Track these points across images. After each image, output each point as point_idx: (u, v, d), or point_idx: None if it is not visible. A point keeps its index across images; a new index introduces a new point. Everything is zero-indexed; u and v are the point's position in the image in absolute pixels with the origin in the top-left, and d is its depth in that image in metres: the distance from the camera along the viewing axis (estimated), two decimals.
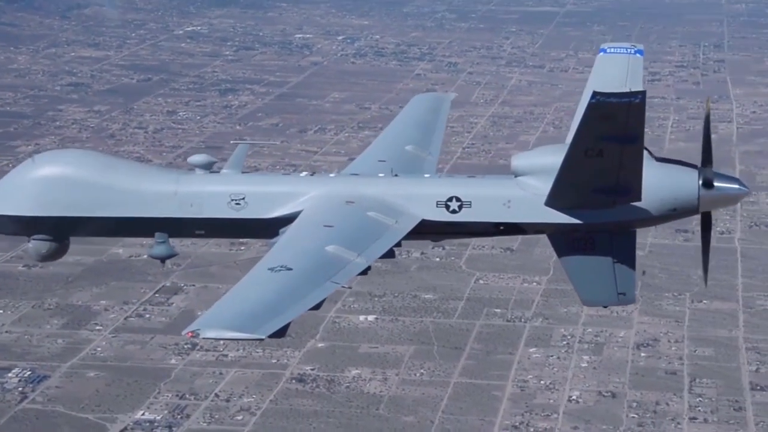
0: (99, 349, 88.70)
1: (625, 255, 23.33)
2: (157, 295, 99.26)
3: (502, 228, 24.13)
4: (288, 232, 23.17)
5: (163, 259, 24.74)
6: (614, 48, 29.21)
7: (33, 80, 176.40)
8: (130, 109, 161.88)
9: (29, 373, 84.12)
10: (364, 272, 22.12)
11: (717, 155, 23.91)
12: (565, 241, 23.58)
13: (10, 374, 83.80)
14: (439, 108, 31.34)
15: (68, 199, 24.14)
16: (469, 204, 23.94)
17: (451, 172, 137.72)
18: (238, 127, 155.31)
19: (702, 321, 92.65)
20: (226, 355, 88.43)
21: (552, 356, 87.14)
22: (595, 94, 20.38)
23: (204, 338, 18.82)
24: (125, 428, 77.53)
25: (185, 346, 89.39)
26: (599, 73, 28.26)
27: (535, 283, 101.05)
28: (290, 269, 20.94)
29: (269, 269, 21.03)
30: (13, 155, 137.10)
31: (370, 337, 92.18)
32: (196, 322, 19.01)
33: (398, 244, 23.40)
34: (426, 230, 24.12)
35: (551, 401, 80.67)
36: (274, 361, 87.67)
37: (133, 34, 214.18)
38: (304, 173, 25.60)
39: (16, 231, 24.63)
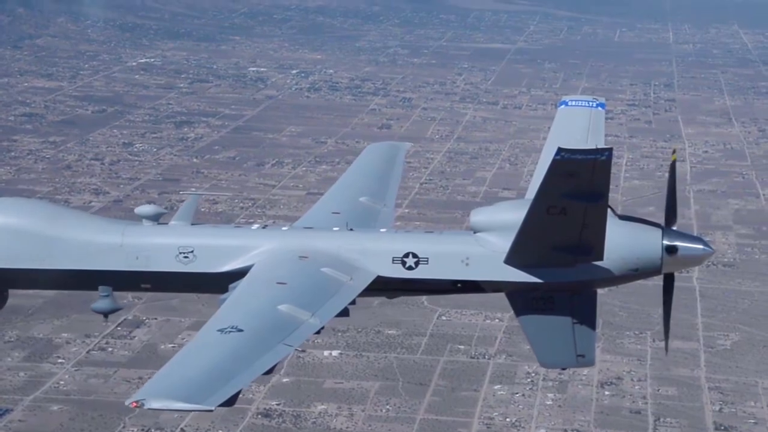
0: (62, 382, 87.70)
1: (585, 315, 22.56)
2: (119, 328, 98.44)
3: (459, 286, 23.32)
4: (239, 289, 22.25)
5: (106, 314, 23.80)
6: (575, 101, 28.55)
7: None
8: (85, 140, 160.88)
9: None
10: (318, 332, 21.37)
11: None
12: (523, 300, 22.75)
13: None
14: (395, 157, 30.46)
15: (8, 250, 23.26)
16: (426, 260, 23.16)
17: (409, 207, 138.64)
18: (195, 160, 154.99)
19: (664, 360, 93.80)
20: None
21: (517, 393, 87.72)
22: (560, 150, 19.72)
23: (149, 409, 17.91)
24: None
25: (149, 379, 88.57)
26: (560, 127, 27.49)
27: (497, 320, 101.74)
28: (241, 330, 20.09)
29: (219, 331, 20.11)
30: None
31: (335, 372, 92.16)
32: (140, 391, 18.14)
33: (353, 302, 22.63)
34: (381, 287, 23.29)
35: None
36: (240, 395, 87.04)
37: (86, 65, 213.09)
38: (256, 226, 24.66)
39: None
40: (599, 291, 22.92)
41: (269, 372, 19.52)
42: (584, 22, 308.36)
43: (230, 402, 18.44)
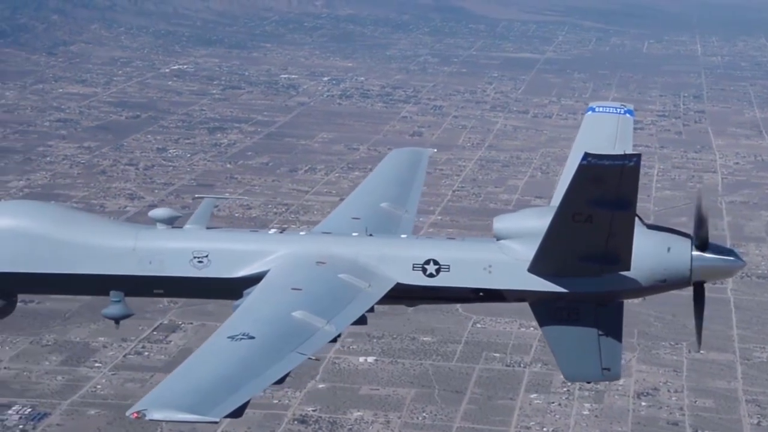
0: (99, 386, 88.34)
1: (611, 327, 21.82)
2: (155, 332, 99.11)
3: (481, 294, 22.59)
4: (252, 294, 21.59)
5: (117, 320, 23.09)
6: (603, 107, 27.67)
7: (21, 116, 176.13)
8: (120, 145, 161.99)
9: (29, 410, 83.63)
10: (334, 340, 20.63)
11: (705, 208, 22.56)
12: (547, 310, 22.00)
13: (10, 411, 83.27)
14: (418, 163, 29.46)
15: (17, 254, 22.57)
16: (448, 268, 22.44)
17: (442, 214, 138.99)
18: (228, 165, 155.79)
19: (700, 371, 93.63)
20: None
21: (553, 403, 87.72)
22: (586, 155, 19.01)
23: (150, 420, 17.10)
24: None
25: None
26: (587, 133, 26.70)
27: (532, 328, 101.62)
28: (252, 338, 19.35)
29: (229, 338, 19.38)
30: (5, 190, 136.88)
31: (371, 378, 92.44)
32: (142, 400, 17.44)
33: (371, 309, 21.78)
34: (400, 294, 22.55)
35: None
36: (275, 401, 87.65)
37: (120, 72, 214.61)
38: (273, 230, 23.95)
39: None
40: (629, 301, 22.40)
41: (280, 381, 18.90)
42: (612, 34, 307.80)
43: (238, 413, 17.75)
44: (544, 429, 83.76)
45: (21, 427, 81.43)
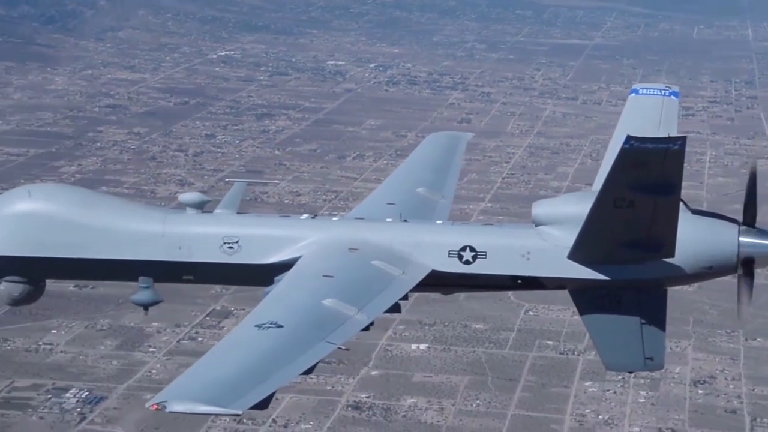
0: (154, 371, 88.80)
1: (655, 316, 21.16)
2: (207, 318, 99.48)
3: (519, 282, 21.98)
4: (282, 282, 21.07)
5: (146, 307, 22.63)
6: (647, 89, 26.79)
7: (71, 101, 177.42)
8: (169, 131, 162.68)
9: (86, 393, 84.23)
10: (366, 328, 20.03)
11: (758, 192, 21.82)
12: (588, 298, 21.39)
13: (68, 394, 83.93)
14: (455, 148, 28.81)
15: (44, 238, 22.09)
16: (485, 254, 21.78)
17: (492, 201, 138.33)
18: (276, 152, 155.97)
19: (758, 359, 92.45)
20: None
21: (608, 390, 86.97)
22: (629, 138, 18.34)
23: (170, 412, 16.40)
24: None
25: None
26: (630, 116, 25.79)
27: None
28: (280, 326, 18.76)
29: (256, 326, 18.77)
30: (57, 175, 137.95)
31: (423, 365, 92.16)
32: (164, 391, 16.83)
33: (405, 297, 21.28)
34: (436, 282, 21.97)
35: None
36: (329, 387, 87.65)
37: (168, 58, 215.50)
38: (305, 216, 23.19)
39: None
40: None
41: (309, 372, 18.28)
42: (661, 19, 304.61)
43: (263, 405, 17.07)
44: (600, 417, 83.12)
45: (79, 410, 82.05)
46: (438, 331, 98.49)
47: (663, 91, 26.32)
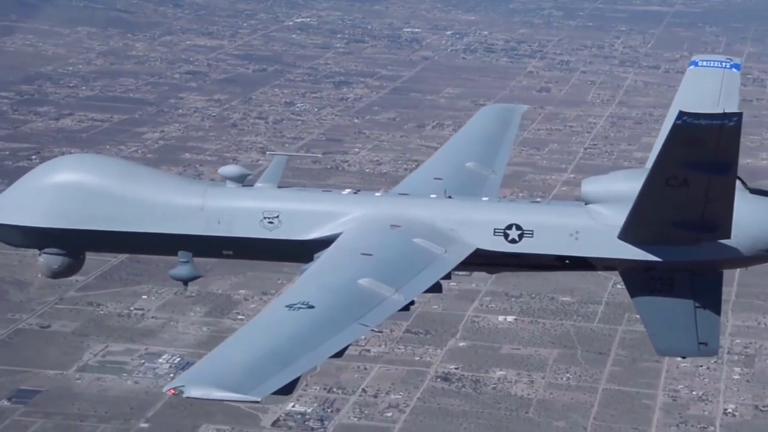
0: None
1: (710, 299, 20.54)
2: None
3: (567, 262, 21.50)
4: (320, 260, 20.58)
5: (185, 281, 22.66)
6: (707, 61, 25.76)
7: (152, 67, 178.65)
8: (248, 98, 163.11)
9: (178, 359, 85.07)
10: (406, 308, 19.51)
11: None
12: (639, 280, 20.93)
13: (160, 360, 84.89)
14: (509, 121, 28.11)
15: (84, 211, 21.87)
16: (531, 233, 21.29)
17: (575, 172, 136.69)
18: (356, 120, 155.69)
19: None
20: (369, 351, 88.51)
21: (701, 366, 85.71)
22: (681, 114, 17.67)
23: (188, 398, 16.08)
24: (278, 419, 78.06)
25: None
26: (689, 90, 25.09)
27: None
28: (312, 307, 18.15)
29: (287, 306, 18.20)
30: (141, 141, 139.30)
31: (511, 338, 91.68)
32: (182, 375, 16.55)
33: (448, 276, 20.90)
34: (480, 261, 21.50)
35: (706, 413, 79.45)
36: (417, 358, 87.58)
37: (245, 24, 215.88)
38: (347, 191, 22.80)
39: (25, 243, 22.38)
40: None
41: (339, 355, 17.68)
42: None
43: (287, 390, 16.50)
44: (694, 393, 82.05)
45: (172, 375, 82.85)
46: (525, 303, 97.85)
47: (724, 64, 25.33)
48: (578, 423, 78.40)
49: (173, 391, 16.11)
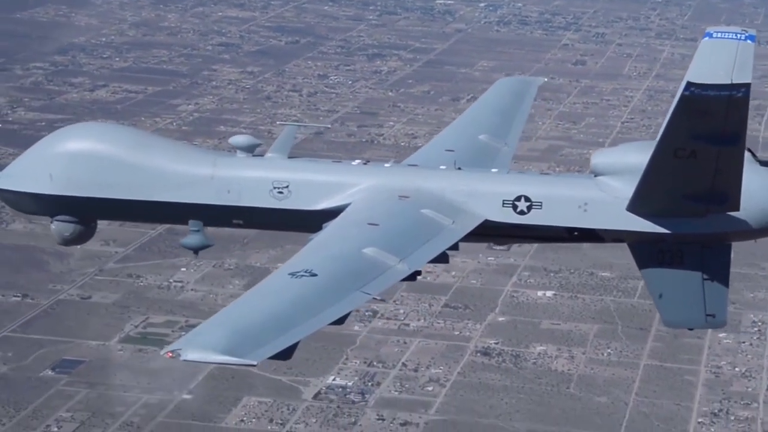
0: None
1: (718, 271, 20.57)
2: None
3: (576, 234, 21.52)
4: (326, 230, 20.76)
5: (196, 250, 22.74)
6: (721, 32, 24.84)
7: (185, 39, 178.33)
8: (281, 71, 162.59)
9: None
10: (412, 278, 19.66)
11: None
12: (648, 252, 20.87)
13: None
14: (524, 94, 28.13)
15: (95, 179, 22.02)
16: (540, 205, 21.36)
17: (612, 146, 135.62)
18: (390, 93, 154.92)
19: None
20: (408, 325, 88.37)
21: (744, 342, 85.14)
22: (689, 85, 17.80)
23: (185, 361, 16.20)
24: (319, 392, 78.08)
25: (366, 313, 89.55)
26: (702, 62, 24.18)
27: None
28: (315, 275, 18.29)
29: (290, 274, 18.38)
30: (175, 114, 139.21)
31: (551, 313, 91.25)
32: (181, 339, 16.66)
33: (455, 247, 20.87)
34: (489, 232, 21.64)
35: (749, 389, 78.90)
36: (456, 333, 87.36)
37: None
38: (357, 161, 23.05)
39: (37, 210, 22.66)
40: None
41: (340, 322, 17.77)
42: None
43: (285, 355, 16.67)
44: (737, 369, 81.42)
45: None
46: (564, 278, 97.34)
47: (738, 35, 24.53)
48: (620, 398, 78.01)
49: (171, 354, 16.20)
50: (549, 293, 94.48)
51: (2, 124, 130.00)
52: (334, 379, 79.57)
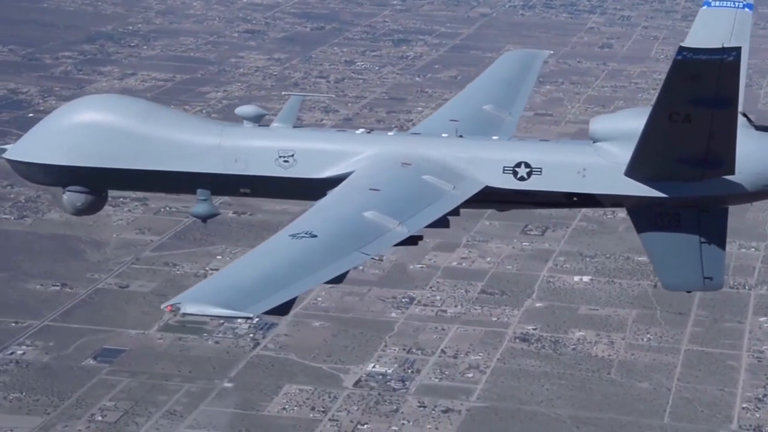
0: (319, 299, 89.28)
1: (715, 235, 21.05)
2: None
3: (575, 199, 21.96)
4: (329, 195, 21.21)
5: (204, 219, 22.95)
6: (720, 1, 25.30)
7: (211, 26, 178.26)
8: (308, 57, 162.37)
9: (257, 319, 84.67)
10: (413, 242, 19.95)
11: None
12: (646, 216, 21.34)
13: (238, 320, 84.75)
14: (530, 65, 28.59)
15: (106, 150, 22.47)
16: (540, 171, 21.76)
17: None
18: (417, 79, 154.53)
19: None
20: (445, 311, 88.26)
21: None
22: (681, 49, 17.96)
23: (183, 314, 16.63)
24: (359, 380, 78.06)
25: (403, 300, 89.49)
26: (700, 30, 24.80)
27: (753, 249, 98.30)
28: (314, 236, 18.71)
29: (291, 236, 18.77)
30: (204, 101, 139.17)
31: (588, 298, 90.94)
32: (181, 294, 17.01)
33: (456, 213, 21.31)
34: (490, 198, 22.09)
35: None
36: (494, 319, 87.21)
37: None
38: (361, 130, 23.49)
39: (49, 181, 23.11)
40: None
41: (337, 281, 18.17)
42: None
43: (282, 310, 17.03)
44: None
45: (251, 335, 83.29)
46: (600, 263, 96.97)
47: (736, 3, 25.06)
48: (662, 384, 77.74)
49: (170, 308, 16.57)
50: (585, 278, 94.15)
51: (34, 114, 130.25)
52: (374, 367, 79.58)
